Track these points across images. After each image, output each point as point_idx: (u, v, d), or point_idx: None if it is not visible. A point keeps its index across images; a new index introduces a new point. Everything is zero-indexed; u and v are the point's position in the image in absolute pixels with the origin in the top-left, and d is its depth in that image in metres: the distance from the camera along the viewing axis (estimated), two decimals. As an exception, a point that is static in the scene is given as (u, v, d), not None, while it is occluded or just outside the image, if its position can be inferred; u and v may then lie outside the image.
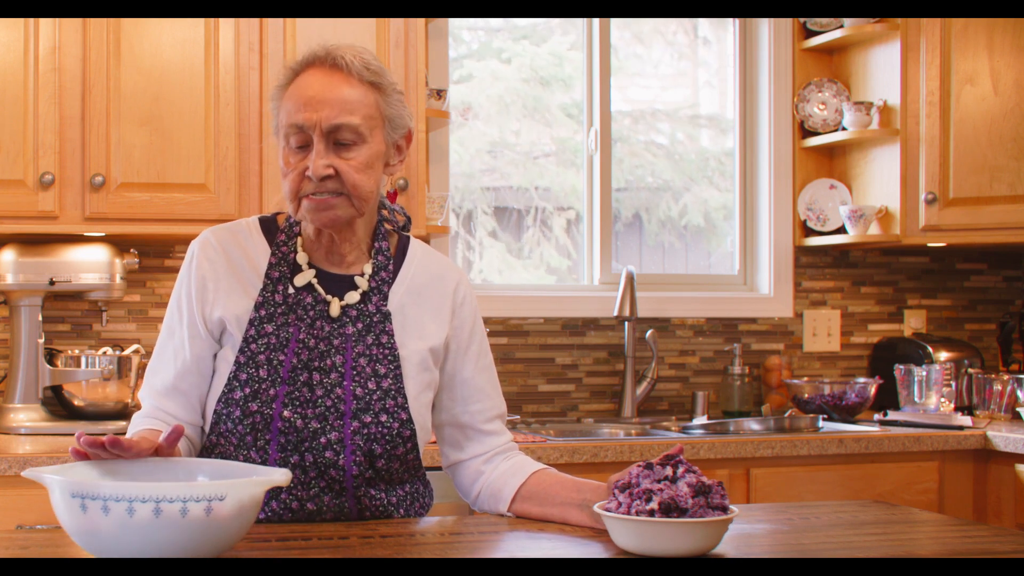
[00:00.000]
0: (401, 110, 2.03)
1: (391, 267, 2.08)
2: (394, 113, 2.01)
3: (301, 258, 2.04)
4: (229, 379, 1.98)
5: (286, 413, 1.96)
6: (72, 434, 3.21)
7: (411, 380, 2.03)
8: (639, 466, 1.71)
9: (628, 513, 1.66)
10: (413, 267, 2.11)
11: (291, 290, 2.02)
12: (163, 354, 2.05)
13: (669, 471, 1.68)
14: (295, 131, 1.94)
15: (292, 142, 1.95)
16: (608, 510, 1.70)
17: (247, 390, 1.97)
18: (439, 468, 2.24)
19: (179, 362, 2.02)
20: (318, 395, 1.97)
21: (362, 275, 2.06)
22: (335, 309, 2.02)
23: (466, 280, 2.15)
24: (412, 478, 2.07)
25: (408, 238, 2.15)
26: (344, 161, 1.94)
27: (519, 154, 4.15)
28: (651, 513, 1.64)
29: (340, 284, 2.05)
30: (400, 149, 2.06)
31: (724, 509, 1.67)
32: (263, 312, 2.00)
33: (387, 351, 2.02)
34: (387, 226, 2.13)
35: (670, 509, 1.63)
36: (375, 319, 2.03)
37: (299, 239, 2.06)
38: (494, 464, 2.10)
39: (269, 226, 2.09)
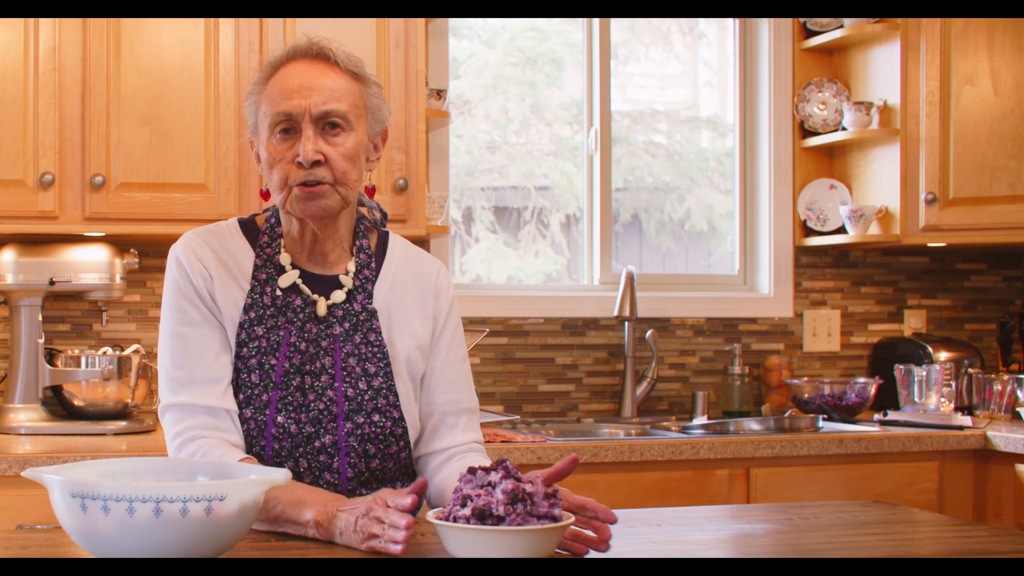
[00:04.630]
0: (381, 104, 2.02)
1: (373, 264, 2.06)
2: (375, 105, 2.01)
3: (284, 259, 2.01)
4: None
5: (280, 419, 1.94)
6: (72, 434, 3.21)
7: (401, 378, 2.02)
8: (467, 471, 1.65)
9: (447, 519, 1.61)
10: (395, 264, 2.09)
11: (278, 292, 1.99)
12: (197, 350, 1.96)
13: (491, 477, 1.61)
14: (282, 118, 1.93)
15: (278, 130, 1.93)
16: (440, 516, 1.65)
17: (240, 396, 1.96)
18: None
19: (214, 351, 1.96)
20: (310, 399, 1.96)
21: (346, 274, 2.03)
22: (322, 308, 1.99)
23: (445, 272, 2.13)
24: (403, 476, 2.07)
25: (387, 234, 2.13)
26: (332, 148, 1.93)
27: (518, 150, 4.14)
28: (467, 519, 1.59)
29: (325, 284, 2.02)
30: (377, 147, 2.04)
31: (553, 519, 1.60)
32: (252, 314, 1.97)
33: (375, 349, 2.00)
34: (366, 222, 2.11)
35: (484, 516, 1.58)
36: (361, 318, 2.01)
37: (281, 240, 2.03)
38: (450, 465, 2.04)
39: (249, 228, 2.06)
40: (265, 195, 2.02)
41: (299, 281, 2.01)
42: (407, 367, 2.03)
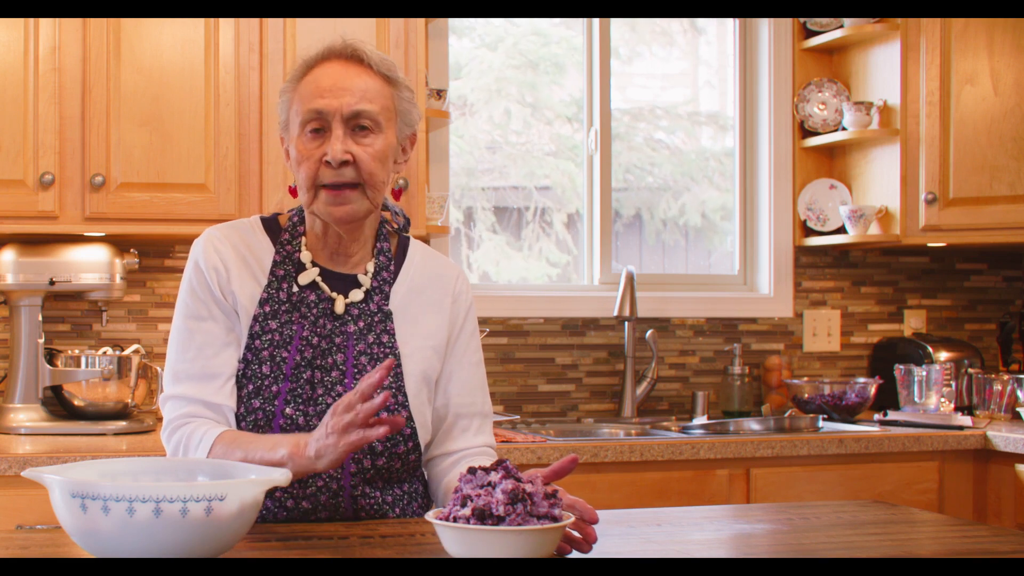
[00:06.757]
0: (411, 107, 2.05)
1: (392, 267, 2.09)
2: (405, 109, 2.03)
3: (305, 256, 2.04)
4: None
5: (288, 410, 1.96)
6: (72, 434, 3.21)
7: (411, 379, 2.04)
8: (466, 471, 1.65)
9: (447, 518, 1.61)
10: (413, 268, 2.12)
11: (295, 288, 2.02)
12: (199, 345, 1.99)
13: (491, 477, 1.61)
14: (314, 116, 1.95)
15: (308, 128, 1.95)
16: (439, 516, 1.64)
17: (250, 387, 1.98)
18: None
19: (215, 347, 1.98)
20: (319, 393, 1.98)
21: (365, 273, 2.06)
22: (340, 306, 2.02)
23: (464, 277, 2.16)
24: (410, 477, 2.07)
25: (408, 239, 2.16)
26: (362, 148, 1.95)
27: (518, 150, 4.15)
28: (467, 519, 1.58)
29: (343, 282, 2.05)
30: (405, 150, 2.07)
31: (553, 518, 1.59)
32: (267, 308, 2.00)
33: (388, 350, 2.02)
34: (388, 227, 2.14)
35: (484, 516, 1.58)
36: (376, 318, 2.04)
37: (303, 238, 2.06)
38: (459, 468, 2.06)
39: (271, 225, 2.09)
40: (294, 191, 2.05)
41: (319, 279, 2.03)
42: (420, 369, 2.05)
